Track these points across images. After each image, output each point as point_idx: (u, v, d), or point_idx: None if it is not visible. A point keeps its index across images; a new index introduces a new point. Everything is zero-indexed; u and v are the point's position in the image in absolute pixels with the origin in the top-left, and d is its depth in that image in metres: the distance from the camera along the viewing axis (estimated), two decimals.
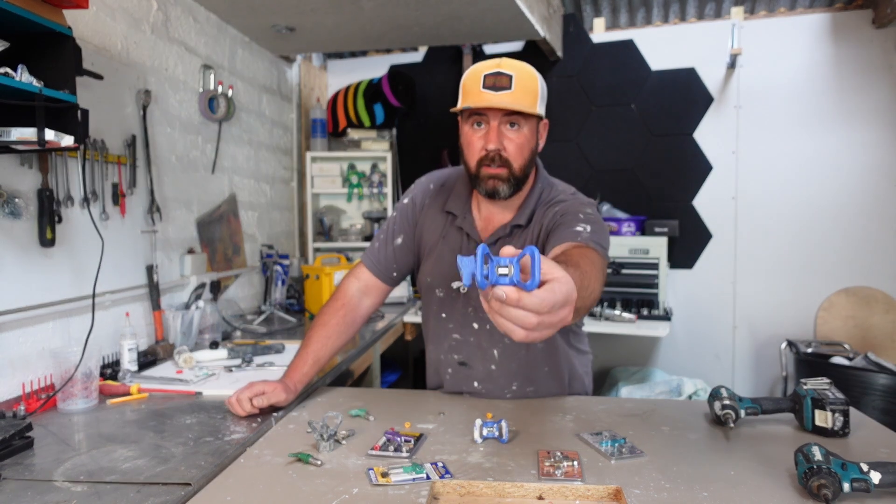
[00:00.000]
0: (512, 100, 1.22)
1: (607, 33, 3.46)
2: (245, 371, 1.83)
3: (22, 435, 1.21)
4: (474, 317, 1.42)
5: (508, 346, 1.41)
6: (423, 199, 1.49)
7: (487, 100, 1.23)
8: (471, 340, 1.44)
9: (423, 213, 1.47)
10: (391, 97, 3.51)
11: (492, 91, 1.22)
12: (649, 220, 3.26)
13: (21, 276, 1.61)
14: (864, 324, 3.11)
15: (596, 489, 0.98)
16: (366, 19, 2.73)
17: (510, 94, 1.22)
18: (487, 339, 1.42)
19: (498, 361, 1.43)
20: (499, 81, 1.22)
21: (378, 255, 1.51)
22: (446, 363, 1.48)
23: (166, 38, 2.31)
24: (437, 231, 1.44)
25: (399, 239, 1.49)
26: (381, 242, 1.51)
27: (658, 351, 3.46)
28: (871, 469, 0.92)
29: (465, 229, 1.39)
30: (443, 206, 1.44)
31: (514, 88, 1.23)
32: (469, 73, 1.29)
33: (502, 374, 1.44)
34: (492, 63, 1.26)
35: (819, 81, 3.16)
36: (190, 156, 2.48)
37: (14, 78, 1.28)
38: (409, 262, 1.51)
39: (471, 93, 1.26)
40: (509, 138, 1.26)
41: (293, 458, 1.11)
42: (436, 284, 1.44)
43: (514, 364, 1.43)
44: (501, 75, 1.23)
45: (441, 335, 1.48)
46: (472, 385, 1.47)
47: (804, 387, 1.25)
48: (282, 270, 2.91)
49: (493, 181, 1.28)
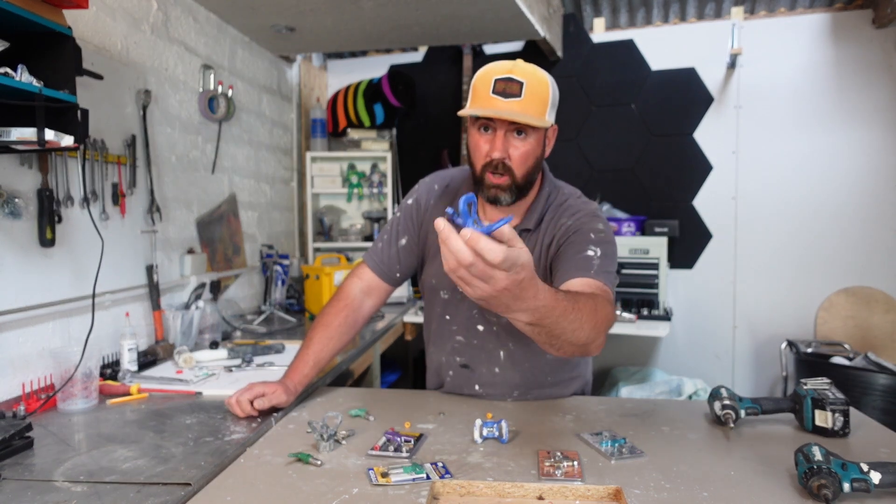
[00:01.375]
0: (520, 108, 1.20)
1: (607, 33, 3.46)
2: (245, 371, 1.83)
3: (22, 435, 1.21)
4: (480, 318, 1.42)
5: (515, 350, 1.40)
6: (427, 200, 1.47)
7: (496, 107, 1.21)
8: (474, 343, 1.43)
9: (428, 214, 1.46)
10: (391, 97, 3.51)
11: (501, 97, 1.20)
12: (649, 220, 3.26)
13: (21, 276, 1.61)
14: (864, 324, 3.11)
15: (596, 489, 0.98)
16: (366, 19, 2.73)
17: (519, 103, 1.20)
18: (494, 341, 1.41)
19: (503, 364, 1.42)
20: (509, 88, 1.20)
21: (381, 255, 1.50)
22: (448, 365, 1.48)
23: (166, 38, 2.31)
24: None
25: (403, 240, 1.48)
26: (385, 243, 1.50)
27: (658, 351, 3.46)
28: (872, 469, 0.92)
29: None
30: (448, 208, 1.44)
31: (524, 96, 1.20)
32: (481, 73, 1.25)
33: (505, 380, 1.43)
34: (504, 67, 1.22)
35: (819, 81, 3.16)
36: (190, 156, 2.47)
37: (14, 78, 1.28)
38: (412, 264, 1.50)
39: (480, 96, 1.23)
40: (515, 146, 1.25)
41: (293, 458, 1.11)
42: (440, 286, 1.44)
43: (517, 372, 1.42)
44: (512, 81, 1.20)
45: (444, 337, 1.48)
46: (472, 388, 1.46)
47: (804, 387, 1.25)
48: (282, 270, 2.91)
49: (496, 190, 1.27)
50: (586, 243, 1.26)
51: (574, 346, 1.00)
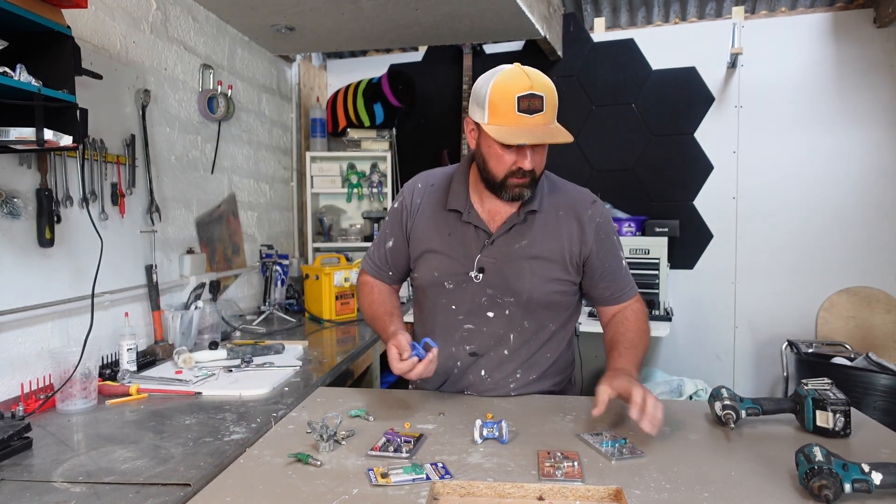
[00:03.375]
0: (544, 121, 1.27)
1: (608, 33, 3.46)
2: (244, 371, 1.82)
3: (21, 435, 1.21)
4: (490, 305, 1.44)
5: (523, 331, 1.46)
6: (413, 200, 1.52)
7: (525, 124, 1.26)
8: (484, 330, 1.46)
9: (418, 214, 1.50)
10: (391, 97, 3.51)
11: (527, 115, 1.26)
12: (650, 220, 3.25)
13: (20, 277, 1.61)
14: (865, 324, 3.11)
15: (596, 490, 0.98)
16: (365, 19, 2.73)
17: (543, 116, 1.27)
18: (505, 326, 1.45)
19: (511, 346, 1.46)
20: (532, 104, 1.25)
21: (373, 258, 1.60)
22: (456, 356, 1.49)
23: (165, 38, 2.31)
24: (441, 228, 1.47)
25: (390, 242, 1.54)
26: (376, 246, 1.59)
27: (659, 351, 3.46)
28: (873, 470, 0.92)
29: (474, 223, 1.44)
30: (444, 205, 1.48)
31: (546, 110, 1.27)
32: (499, 89, 1.27)
33: (512, 361, 1.47)
34: (523, 84, 1.26)
35: (820, 81, 3.15)
36: (189, 155, 2.47)
37: (13, 77, 1.28)
38: (401, 263, 1.56)
39: (504, 114, 1.27)
40: (538, 153, 1.34)
41: (293, 458, 1.11)
42: (444, 278, 1.47)
43: (524, 350, 1.47)
44: (535, 97, 1.25)
45: (451, 327, 1.49)
46: (479, 374, 1.48)
47: (805, 387, 1.25)
48: (281, 270, 2.91)
49: (520, 189, 1.35)
50: (615, 248, 1.46)
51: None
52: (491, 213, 1.44)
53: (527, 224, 1.41)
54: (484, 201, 1.44)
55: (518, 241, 1.42)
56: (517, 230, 1.41)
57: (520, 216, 1.41)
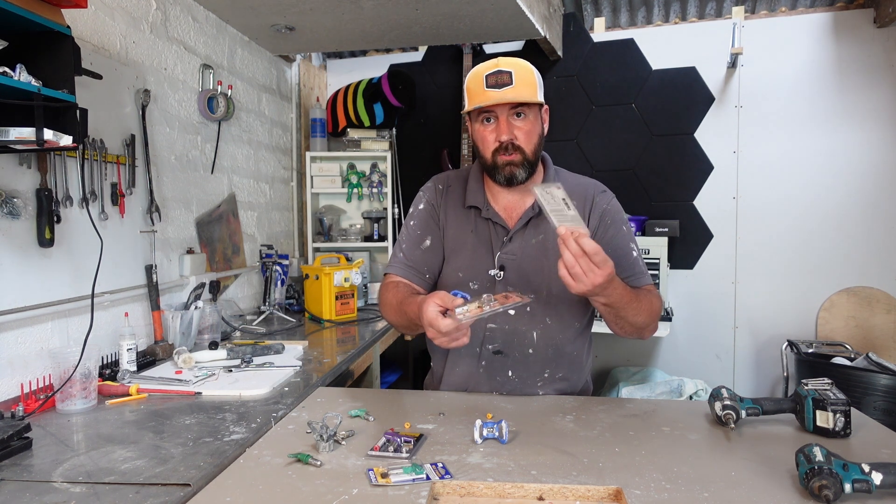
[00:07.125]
0: (515, 94, 1.34)
1: (608, 32, 3.45)
2: (244, 371, 1.82)
3: (20, 436, 1.21)
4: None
5: (547, 328, 1.46)
6: (437, 199, 1.54)
7: (494, 97, 1.34)
8: (506, 328, 1.46)
9: (443, 213, 1.53)
10: (391, 97, 3.50)
11: (495, 89, 1.34)
12: (650, 220, 3.25)
13: (20, 277, 1.61)
14: (866, 324, 3.11)
15: (596, 489, 0.98)
16: (365, 19, 2.73)
17: (513, 89, 1.33)
18: (528, 323, 1.45)
19: (536, 345, 1.46)
20: (500, 79, 1.34)
21: (407, 260, 1.50)
22: (481, 355, 1.49)
23: (165, 38, 2.31)
24: (463, 227, 1.49)
25: (427, 241, 1.52)
26: (408, 248, 1.51)
27: (659, 351, 3.46)
28: (873, 470, 0.92)
29: (493, 219, 1.46)
30: (463, 203, 1.50)
31: (516, 83, 1.34)
32: (471, 75, 1.39)
33: (538, 360, 1.47)
34: (490, 63, 1.37)
35: (820, 81, 3.15)
36: (189, 155, 2.47)
37: (12, 77, 1.28)
38: (437, 263, 1.52)
39: (476, 93, 1.36)
40: (518, 127, 1.37)
41: (293, 458, 1.11)
42: (469, 278, 1.47)
43: (550, 349, 1.47)
44: (502, 73, 1.34)
45: (473, 328, 1.48)
46: (506, 374, 1.48)
47: (805, 387, 1.25)
48: (281, 270, 2.91)
49: (510, 167, 1.39)
50: (622, 236, 1.46)
51: (633, 328, 1.36)
52: (507, 210, 1.47)
53: (541, 217, 1.43)
54: (498, 197, 1.47)
55: (535, 235, 1.44)
56: (533, 224, 1.45)
57: (534, 209, 1.44)
